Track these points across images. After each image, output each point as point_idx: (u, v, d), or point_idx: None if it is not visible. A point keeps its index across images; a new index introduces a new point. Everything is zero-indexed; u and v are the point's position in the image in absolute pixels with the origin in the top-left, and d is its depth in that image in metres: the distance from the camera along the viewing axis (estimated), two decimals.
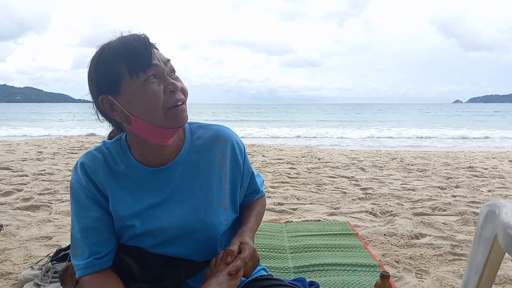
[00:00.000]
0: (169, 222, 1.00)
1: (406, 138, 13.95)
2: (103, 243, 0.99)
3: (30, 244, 2.35)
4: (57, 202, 3.38)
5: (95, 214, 0.98)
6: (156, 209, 1.00)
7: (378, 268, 2.02)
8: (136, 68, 0.87)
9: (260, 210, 1.22)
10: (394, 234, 2.57)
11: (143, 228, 1.00)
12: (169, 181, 1.01)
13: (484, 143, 11.99)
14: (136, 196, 0.99)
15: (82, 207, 0.98)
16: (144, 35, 0.90)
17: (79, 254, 0.98)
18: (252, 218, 1.15)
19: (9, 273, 1.94)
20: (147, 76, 0.87)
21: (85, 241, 0.98)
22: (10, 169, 5.00)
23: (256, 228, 1.13)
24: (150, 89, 0.87)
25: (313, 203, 3.46)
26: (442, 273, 1.99)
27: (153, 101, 0.88)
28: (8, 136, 14.06)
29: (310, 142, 12.37)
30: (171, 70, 0.93)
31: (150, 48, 0.89)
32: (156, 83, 0.89)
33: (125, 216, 0.99)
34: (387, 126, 21.37)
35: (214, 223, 1.03)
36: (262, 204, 1.25)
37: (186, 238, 1.02)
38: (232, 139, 1.09)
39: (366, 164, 5.77)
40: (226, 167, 1.06)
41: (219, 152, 1.05)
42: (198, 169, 1.03)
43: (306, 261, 2.10)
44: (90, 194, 0.98)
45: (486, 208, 1.00)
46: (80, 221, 0.98)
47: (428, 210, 3.17)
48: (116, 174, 0.99)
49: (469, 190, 3.97)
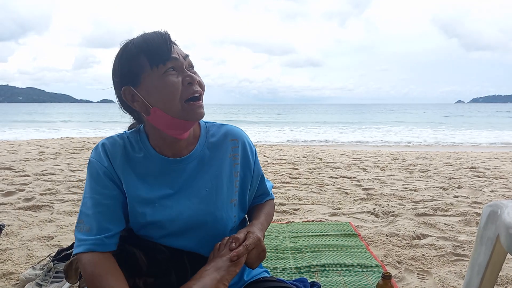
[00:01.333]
0: (179, 213, 1.03)
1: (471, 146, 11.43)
2: (113, 221, 0.99)
3: (31, 244, 2.36)
4: (58, 202, 3.38)
5: (111, 192, 1.00)
6: (168, 199, 1.03)
7: (380, 268, 2.01)
8: (156, 60, 0.93)
9: (270, 211, 1.22)
10: (396, 235, 2.56)
11: (153, 217, 1.02)
12: (183, 173, 1.04)
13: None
14: (150, 184, 1.03)
15: (98, 184, 1.00)
16: (165, 32, 0.96)
17: (85, 230, 0.97)
18: (262, 216, 1.15)
19: (10, 273, 1.95)
20: (166, 68, 0.94)
21: (95, 216, 0.97)
22: (12, 169, 5.01)
23: (266, 226, 1.13)
24: (169, 80, 0.94)
25: (315, 204, 3.45)
26: (444, 273, 1.98)
27: (172, 91, 0.94)
28: (12, 136, 14.10)
29: (311, 143, 12.36)
30: (189, 65, 0.99)
31: (170, 43, 0.95)
32: (175, 75, 0.95)
33: (137, 203, 1.01)
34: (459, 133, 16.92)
35: (223, 217, 1.06)
36: (271, 206, 1.26)
37: (195, 230, 1.05)
38: (244, 138, 1.13)
39: (368, 165, 5.77)
40: (237, 164, 1.10)
41: (231, 149, 1.09)
42: (210, 164, 1.07)
43: (307, 262, 2.10)
44: (108, 173, 1.00)
45: (488, 209, 1.00)
46: (94, 197, 0.99)
47: (430, 211, 3.16)
48: (133, 161, 1.03)
49: (471, 191, 3.96)
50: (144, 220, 1.02)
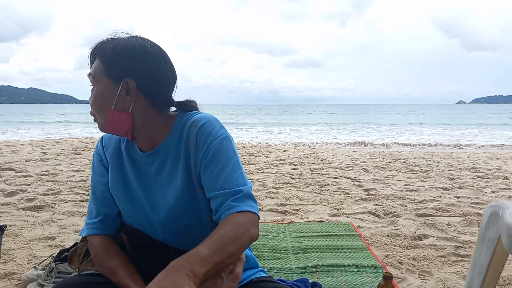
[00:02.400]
0: (147, 211, 1.05)
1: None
2: (109, 205, 1.10)
3: (33, 244, 2.36)
4: (60, 202, 3.39)
5: (104, 179, 1.10)
6: (138, 195, 1.06)
7: (381, 269, 2.01)
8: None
9: (223, 230, 0.85)
10: (397, 235, 2.56)
11: (125, 211, 1.09)
12: (152, 167, 1.04)
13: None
14: (124, 177, 1.08)
15: (95, 172, 1.13)
16: (94, 46, 1.01)
17: (88, 213, 1.12)
18: (202, 245, 0.81)
19: (12, 273, 1.95)
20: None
21: (94, 201, 1.11)
22: (14, 170, 5.02)
23: (208, 254, 0.79)
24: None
25: (316, 204, 3.45)
26: (446, 274, 1.98)
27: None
28: (14, 136, 14.13)
29: (312, 143, 12.35)
30: (91, 83, 1.02)
31: (90, 60, 1.02)
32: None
33: (113, 194, 1.09)
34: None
35: (191, 209, 1.01)
36: (234, 222, 0.87)
37: (167, 225, 1.04)
38: (203, 123, 0.99)
39: (369, 165, 5.76)
40: (193, 152, 1.00)
41: (189, 135, 1.01)
42: (176, 158, 1.02)
43: (308, 262, 2.10)
44: (102, 162, 1.11)
45: (490, 209, 1.00)
46: (94, 185, 1.12)
47: (432, 211, 3.16)
48: (120, 153, 1.09)
49: (473, 191, 3.96)
50: (122, 214, 1.11)
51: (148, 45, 0.99)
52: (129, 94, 0.97)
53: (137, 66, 0.96)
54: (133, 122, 1.00)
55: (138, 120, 1.00)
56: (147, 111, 1.00)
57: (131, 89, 0.97)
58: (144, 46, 0.98)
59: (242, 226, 0.87)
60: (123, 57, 0.96)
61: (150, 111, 1.00)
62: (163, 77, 0.99)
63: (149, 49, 0.98)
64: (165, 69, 0.99)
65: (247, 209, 0.91)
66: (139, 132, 1.02)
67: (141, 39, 1.00)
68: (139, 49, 0.97)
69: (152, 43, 1.01)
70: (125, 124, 0.99)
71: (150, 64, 0.97)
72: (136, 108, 0.98)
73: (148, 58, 0.97)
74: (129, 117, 0.98)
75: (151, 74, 0.97)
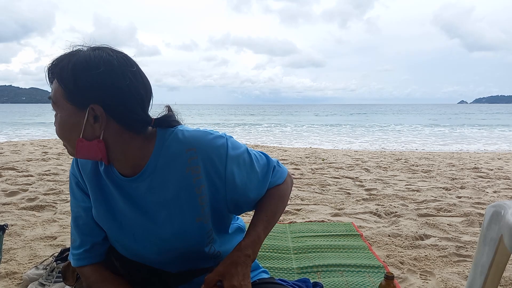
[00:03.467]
0: (138, 243, 0.98)
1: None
2: (90, 234, 1.01)
3: (35, 244, 2.36)
4: (62, 202, 3.39)
5: (85, 204, 1.00)
6: (126, 224, 0.97)
7: (383, 269, 2.01)
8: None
9: (272, 203, 1.03)
10: (398, 235, 2.56)
11: (118, 246, 1.02)
12: (136, 193, 0.94)
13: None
14: (109, 204, 0.97)
15: (74, 196, 1.02)
16: (51, 63, 0.86)
17: (72, 242, 1.03)
18: (259, 226, 0.98)
19: (14, 272, 1.95)
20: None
21: (76, 230, 1.02)
22: (15, 169, 5.03)
23: (263, 237, 0.97)
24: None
25: (317, 204, 3.45)
26: (447, 274, 1.98)
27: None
28: (15, 136, 14.15)
29: (313, 143, 12.35)
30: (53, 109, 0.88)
31: (49, 81, 0.88)
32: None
33: (97, 220, 1.00)
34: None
35: (190, 237, 0.96)
36: (276, 194, 1.05)
37: (159, 254, 0.99)
38: (205, 146, 0.92)
39: (370, 165, 5.76)
40: (198, 178, 0.92)
41: (188, 162, 0.91)
42: (166, 182, 0.92)
43: (310, 262, 2.10)
44: (80, 185, 1.00)
45: (492, 209, 0.99)
46: (73, 210, 1.02)
47: (433, 211, 3.15)
48: (99, 175, 0.97)
49: (474, 191, 3.95)
50: (108, 236, 1.03)
51: (114, 60, 0.83)
52: (98, 121, 0.83)
53: (103, 89, 0.81)
54: (107, 147, 0.87)
55: (112, 146, 0.87)
56: (121, 135, 0.86)
57: (100, 115, 0.83)
58: (109, 63, 0.82)
59: (284, 196, 1.07)
60: (85, 79, 0.81)
61: (125, 134, 0.86)
62: (134, 97, 0.84)
63: (116, 65, 0.83)
64: (135, 86, 0.84)
65: (281, 181, 1.07)
66: (115, 157, 0.90)
67: (104, 53, 0.84)
68: (104, 68, 0.81)
69: (118, 56, 0.85)
70: (98, 152, 0.86)
71: (118, 84, 0.82)
72: (108, 134, 0.85)
73: (115, 78, 0.82)
74: (101, 144, 0.85)
75: (120, 96, 0.82)
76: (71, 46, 0.86)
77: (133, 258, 1.02)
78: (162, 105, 0.96)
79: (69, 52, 0.86)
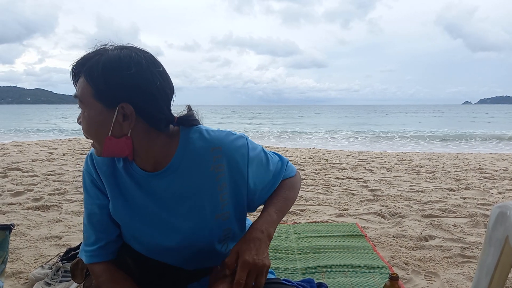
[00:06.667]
0: (156, 235, 0.99)
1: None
2: (105, 231, 1.02)
3: (40, 243, 2.38)
4: (67, 202, 3.41)
5: (101, 201, 1.01)
6: (144, 218, 0.98)
7: (387, 270, 2.00)
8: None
9: (283, 192, 1.09)
10: (403, 236, 2.55)
11: (131, 234, 1.02)
12: (159, 188, 0.96)
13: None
14: (128, 198, 0.99)
15: (89, 194, 1.03)
16: (77, 62, 0.88)
17: (85, 239, 1.03)
18: (271, 208, 1.02)
19: (20, 272, 1.97)
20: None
21: (90, 226, 1.03)
22: (21, 170, 5.06)
23: (276, 218, 1.01)
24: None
25: (321, 205, 3.45)
26: (452, 275, 1.97)
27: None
28: (21, 136, 14.23)
29: (317, 144, 12.33)
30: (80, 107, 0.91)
31: (73, 80, 0.91)
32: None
33: (115, 216, 1.01)
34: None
35: (205, 235, 0.99)
36: (287, 186, 1.11)
37: (176, 250, 1.00)
38: (229, 146, 0.97)
39: (374, 166, 5.74)
40: (222, 176, 0.96)
41: (213, 160, 0.95)
42: (189, 178, 0.95)
43: (314, 262, 2.10)
44: (95, 183, 1.01)
45: (497, 210, 0.99)
46: (87, 207, 1.03)
47: (438, 212, 3.14)
48: (117, 171, 0.99)
49: (479, 192, 3.93)
50: (124, 236, 1.04)
51: (142, 60, 0.85)
52: (127, 119, 0.86)
53: (134, 88, 0.84)
54: (133, 145, 0.90)
55: (138, 143, 0.90)
56: (148, 133, 0.90)
57: (129, 114, 0.85)
58: (138, 63, 0.84)
59: (295, 187, 1.13)
60: (117, 79, 0.83)
61: (151, 132, 0.90)
62: (162, 96, 0.87)
63: (144, 64, 0.85)
64: (163, 86, 0.87)
65: (293, 174, 1.15)
66: (139, 153, 0.93)
67: (133, 53, 0.86)
68: (134, 68, 0.83)
69: (146, 56, 0.87)
70: (125, 149, 0.89)
71: (148, 85, 0.84)
72: (135, 132, 0.88)
73: (145, 78, 0.84)
74: (129, 141, 0.88)
75: (150, 96, 0.85)
76: (97, 44, 0.88)
77: (149, 254, 1.03)
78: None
79: (94, 51, 0.87)
